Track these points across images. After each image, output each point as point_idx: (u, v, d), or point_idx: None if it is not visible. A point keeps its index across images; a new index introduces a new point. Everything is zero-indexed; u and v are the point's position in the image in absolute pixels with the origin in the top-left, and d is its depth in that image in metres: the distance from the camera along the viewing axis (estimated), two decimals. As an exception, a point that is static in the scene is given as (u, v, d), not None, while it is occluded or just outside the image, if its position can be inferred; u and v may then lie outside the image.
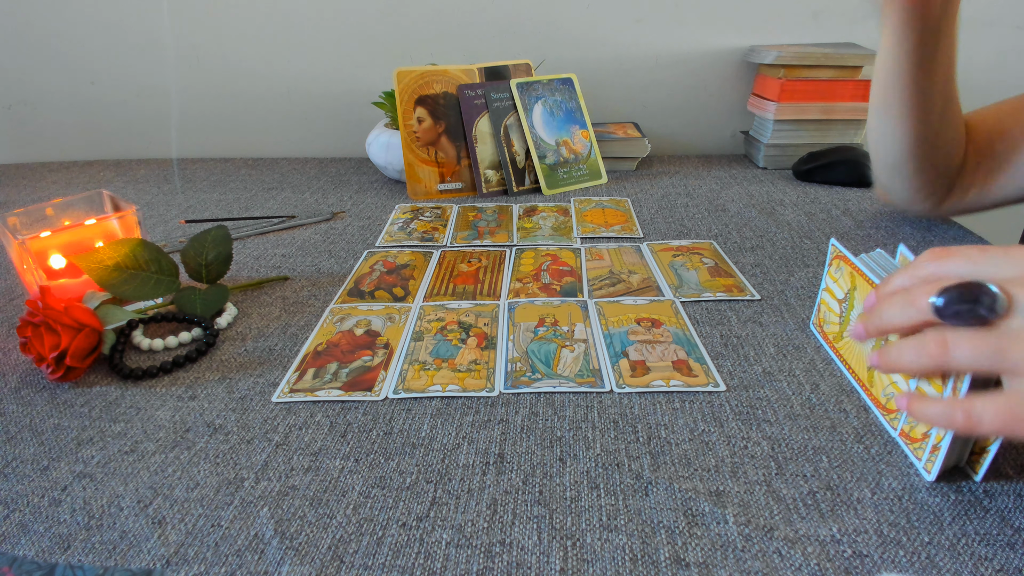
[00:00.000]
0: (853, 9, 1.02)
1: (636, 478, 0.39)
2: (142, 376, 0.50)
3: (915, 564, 0.33)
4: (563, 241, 0.74)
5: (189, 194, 0.94)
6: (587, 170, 0.93)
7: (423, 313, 0.59)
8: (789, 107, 0.96)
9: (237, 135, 1.14)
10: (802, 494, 0.38)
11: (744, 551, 0.34)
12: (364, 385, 0.49)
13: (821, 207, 0.83)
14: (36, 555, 0.35)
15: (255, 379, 0.50)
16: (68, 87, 1.10)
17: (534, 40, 1.05)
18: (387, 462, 0.41)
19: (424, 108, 0.88)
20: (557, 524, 0.36)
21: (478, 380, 0.49)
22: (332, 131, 1.13)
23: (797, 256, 0.69)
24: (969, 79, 1.05)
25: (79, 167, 1.09)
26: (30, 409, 0.47)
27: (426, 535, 0.36)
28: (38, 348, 0.48)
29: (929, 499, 0.37)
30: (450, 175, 0.90)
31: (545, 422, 0.45)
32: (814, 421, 0.44)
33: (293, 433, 0.44)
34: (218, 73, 1.09)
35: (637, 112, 1.11)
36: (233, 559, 0.34)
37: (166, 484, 0.40)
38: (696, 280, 0.63)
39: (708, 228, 0.77)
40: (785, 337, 0.54)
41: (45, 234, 0.57)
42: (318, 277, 0.67)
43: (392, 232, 0.78)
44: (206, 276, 0.61)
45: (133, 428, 0.45)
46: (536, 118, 0.92)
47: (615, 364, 0.50)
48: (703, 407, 0.46)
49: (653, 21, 1.04)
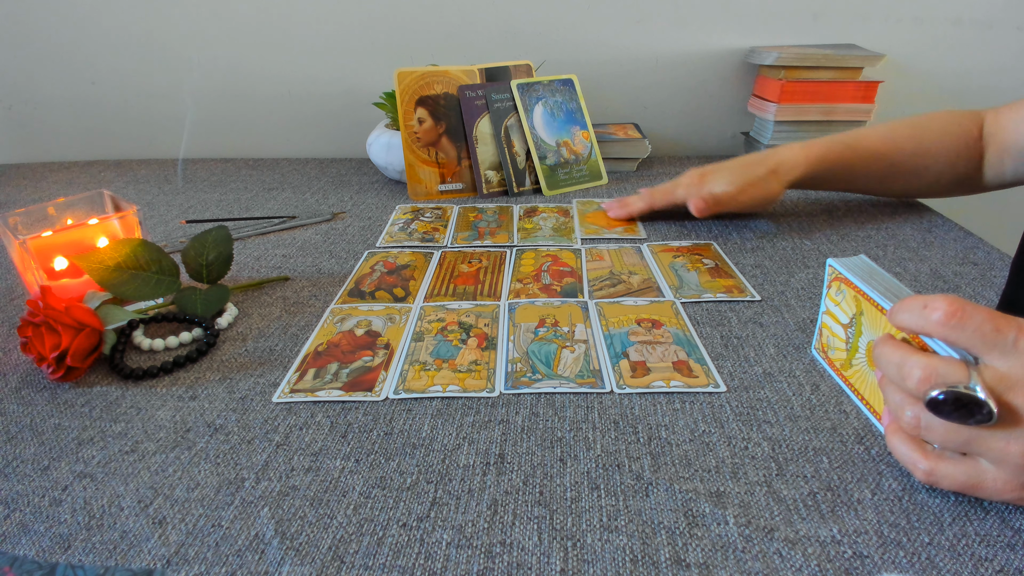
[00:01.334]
0: (853, 10, 1.02)
1: (636, 479, 0.39)
2: (143, 376, 0.50)
3: (915, 565, 0.33)
4: (563, 242, 0.74)
5: (190, 194, 0.94)
6: (587, 171, 0.93)
7: (423, 313, 0.59)
8: (789, 108, 0.96)
9: (238, 135, 1.14)
10: (802, 495, 0.38)
11: (744, 552, 0.34)
12: (365, 385, 0.49)
13: (822, 207, 0.83)
14: (37, 555, 0.35)
15: (256, 379, 0.50)
16: (69, 87, 1.10)
17: (535, 41, 1.05)
18: (388, 462, 0.41)
19: (425, 109, 0.88)
20: (557, 525, 0.36)
21: (478, 380, 0.49)
22: (333, 132, 1.13)
23: (797, 257, 0.69)
24: (970, 80, 1.05)
25: (80, 167, 1.10)
26: (31, 409, 0.47)
27: (426, 535, 0.36)
28: (39, 348, 0.48)
29: (929, 500, 0.37)
30: (451, 176, 0.90)
31: (545, 423, 0.45)
32: (814, 422, 0.44)
33: (293, 433, 0.44)
34: (219, 73, 1.09)
35: (637, 113, 1.11)
36: (233, 559, 0.34)
37: (167, 484, 0.40)
38: (696, 281, 0.63)
39: (708, 229, 0.77)
40: (785, 338, 0.54)
41: (46, 234, 0.57)
42: (319, 277, 0.67)
43: (393, 233, 0.78)
44: (207, 276, 0.61)
45: (133, 428, 0.45)
46: (537, 119, 0.92)
47: (615, 365, 0.50)
48: (703, 408, 0.46)
49: (653, 22, 1.04)
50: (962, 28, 1.02)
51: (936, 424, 0.34)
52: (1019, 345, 0.32)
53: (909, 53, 1.04)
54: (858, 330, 0.44)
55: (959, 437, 0.34)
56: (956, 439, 0.34)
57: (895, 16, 1.02)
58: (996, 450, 0.33)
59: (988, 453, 0.34)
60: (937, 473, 0.36)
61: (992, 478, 0.34)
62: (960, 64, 1.05)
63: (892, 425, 0.38)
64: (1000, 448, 0.33)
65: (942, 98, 1.06)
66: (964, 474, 0.35)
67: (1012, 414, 0.32)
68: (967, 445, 0.34)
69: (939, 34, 1.03)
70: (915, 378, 0.34)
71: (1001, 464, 0.34)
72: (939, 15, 1.02)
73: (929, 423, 0.35)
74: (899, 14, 1.02)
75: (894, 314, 0.36)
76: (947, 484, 0.36)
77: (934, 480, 0.36)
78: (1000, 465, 0.34)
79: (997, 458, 0.34)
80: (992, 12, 1.01)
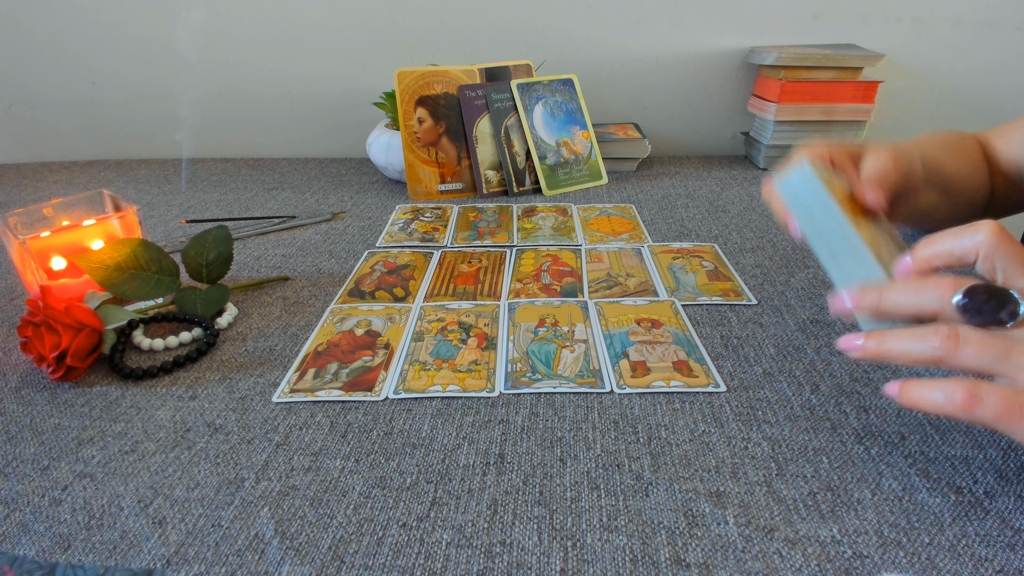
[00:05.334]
0: (853, 10, 1.02)
1: (636, 479, 0.39)
2: (142, 376, 0.50)
3: (915, 565, 0.33)
4: (564, 241, 0.74)
5: (190, 194, 0.94)
6: (587, 171, 0.93)
7: (423, 313, 0.59)
8: (789, 108, 0.96)
9: (238, 135, 1.14)
10: (802, 495, 0.38)
11: (744, 552, 0.34)
12: (364, 385, 0.49)
13: (821, 208, 0.83)
14: (37, 555, 0.35)
15: (255, 379, 0.50)
16: (69, 87, 1.10)
17: (535, 41, 1.05)
18: (387, 462, 0.41)
19: (425, 109, 0.88)
20: (557, 524, 0.36)
21: (478, 380, 0.49)
22: (333, 131, 1.13)
23: (797, 257, 0.69)
24: (970, 80, 1.05)
25: (80, 167, 1.10)
26: (31, 409, 0.47)
27: (426, 535, 0.36)
28: (39, 348, 0.48)
29: (929, 500, 0.37)
30: (450, 176, 0.90)
31: (545, 422, 0.45)
32: (814, 422, 0.44)
33: (293, 433, 0.44)
34: (219, 73, 1.09)
35: (637, 113, 1.11)
36: (233, 559, 0.34)
37: (166, 484, 0.40)
38: (693, 283, 0.63)
39: (708, 229, 0.77)
40: (785, 338, 0.54)
41: (46, 234, 0.57)
42: (318, 277, 0.67)
43: (392, 232, 0.78)
44: (207, 276, 0.61)
45: (133, 428, 0.45)
46: (537, 119, 0.92)
47: (615, 365, 0.50)
48: (703, 408, 0.46)
49: (653, 22, 1.04)
50: (962, 28, 1.02)
51: (972, 335, 0.33)
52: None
53: (909, 53, 1.04)
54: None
55: (997, 345, 0.33)
56: (994, 347, 0.33)
57: (895, 16, 1.02)
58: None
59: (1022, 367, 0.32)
60: (980, 392, 0.33)
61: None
62: (960, 64, 1.05)
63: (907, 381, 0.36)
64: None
65: (942, 98, 1.06)
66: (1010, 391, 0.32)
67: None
68: (1005, 355, 0.33)
69: (939, 34, 1.03)
70: (945, 284, 0.35)
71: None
72: (939, 15, 1.02)
73: (966, 334, 0.33)
74: (899, 14, 1.02)
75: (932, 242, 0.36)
76: (992, 403, 0.33)
77: (977, 400, 0.33)
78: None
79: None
80: (992, 12, 1.01)
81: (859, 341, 0.37)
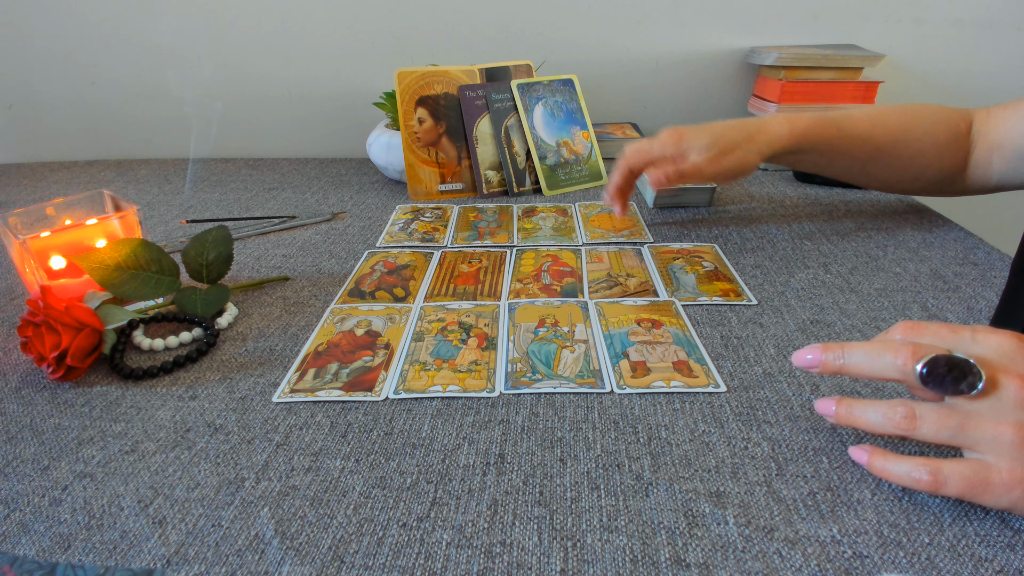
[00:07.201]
0: (853, 10, 1.02)
1: (636, 479, 0.39)
2: (142, 376, 0.50)
3: (915, 565, 0.33)
4: (564, 241, 0.74)
5: (190, 194, 0.94)
6: (588, 171, 0.93)
7: (424, 313, 0.59)
8: (790, 108, 0.96)
9: (238, 135, 1.14)
10: (802, 495, 0.38)
11: (744, 552, 0.34)
12: (365, 385, 0.49)
13: (822, 208, 0.83)
14: (37, 555, 0.35)
15: (256, 379, 0.50)
16: (69, 87, 1.10)
17: (535, 41, 1.05)
18: (388, 462, 0.41)
19: (425, 109, 0.88)
20: (557, 525, 0.36)
21: (478, 381, 0.49)
22: (333, 132, 1.13)
23: (797, 257, 0.69)
24: (970, 80, 1.05)
25: (80, 167, 1.10)
26: (31, 409, 0.47)
27: (426, 535, 0.36)
28: (39, 348, 0.48)
29: (929, 500, 0.37)
30: (451, 176, 0.90)
31: (545, 423, 0.45)
32: (814, 422, 0.44)
33: (294, 433, 0.44)
34: (219, 73, 1.09)
35: (637, 113, 1.11)
36: (233, 559, 0.34)
37: (166, 484, 0.40)
38: (693, 284, 0.63)
39: (708, 229, 0.77)
40: (785, 338, 0.54)
41: (46, 234, 0.57)
42: (319, 277, 0.67)
43: (393, 232, 0.78)
44: (207, 276, 0.61)
45: (133, 428, 0.45)
46: (537, 119, 0.92)
47: (615, 365, 0.50)
48: (703, 408, 0.46)
49: (653, 22, 1.04)
50: (962, 28, 1.02)
51: (929, 412, 0.36)
52: (977, 338, 0.36)
53: (909, 53, 1.04)
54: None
55: (952, 421, 0.35)
56: (949, 424, 0.35)
57: (895, 16, 1.02)
58: (989, 432, 0.34)
59: (983, 438, 0.34)
60: (943, 472, 0.35)
61: (997, 470, 0.34)
62: (960, 64, 1.05)
63: (875, 452, 0.39)
64: (992, 429, 0.34)
65: (942, 98, 1.06)
66: (969, 468, 0.35)
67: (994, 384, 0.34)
68: (961, 430, 0.35)
69: (939, 34, 1.03)
70: (906, 352, 0.36)
71: (999, 451, 0.34)
72: (939, 15, 1.02)
73: (923, 412, 0.36)
74: (899, 14, 1.02)
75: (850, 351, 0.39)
76: (954, 484, 0.35)
77: (941, 481, 0.35)
78: (998, 453, 0.34)
79: (992, 441, 0.34)
80: (992, 12, 1.01)
81: (832, 408, 0.40)
